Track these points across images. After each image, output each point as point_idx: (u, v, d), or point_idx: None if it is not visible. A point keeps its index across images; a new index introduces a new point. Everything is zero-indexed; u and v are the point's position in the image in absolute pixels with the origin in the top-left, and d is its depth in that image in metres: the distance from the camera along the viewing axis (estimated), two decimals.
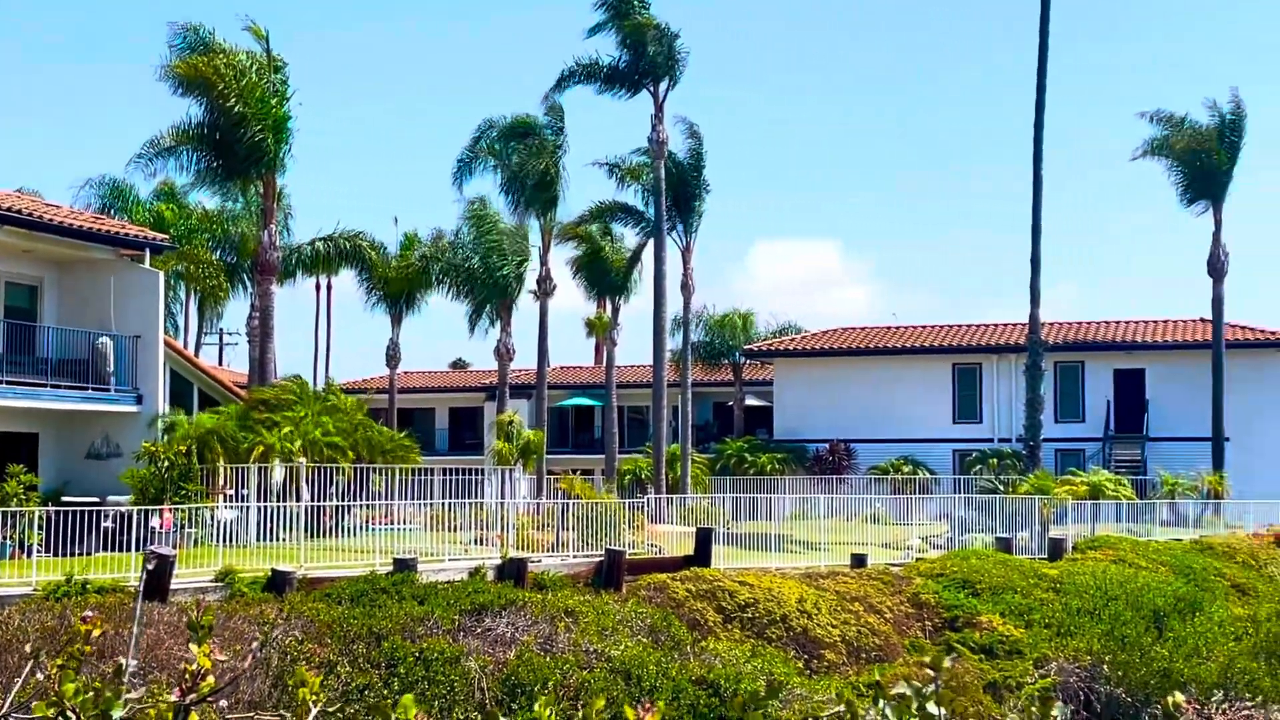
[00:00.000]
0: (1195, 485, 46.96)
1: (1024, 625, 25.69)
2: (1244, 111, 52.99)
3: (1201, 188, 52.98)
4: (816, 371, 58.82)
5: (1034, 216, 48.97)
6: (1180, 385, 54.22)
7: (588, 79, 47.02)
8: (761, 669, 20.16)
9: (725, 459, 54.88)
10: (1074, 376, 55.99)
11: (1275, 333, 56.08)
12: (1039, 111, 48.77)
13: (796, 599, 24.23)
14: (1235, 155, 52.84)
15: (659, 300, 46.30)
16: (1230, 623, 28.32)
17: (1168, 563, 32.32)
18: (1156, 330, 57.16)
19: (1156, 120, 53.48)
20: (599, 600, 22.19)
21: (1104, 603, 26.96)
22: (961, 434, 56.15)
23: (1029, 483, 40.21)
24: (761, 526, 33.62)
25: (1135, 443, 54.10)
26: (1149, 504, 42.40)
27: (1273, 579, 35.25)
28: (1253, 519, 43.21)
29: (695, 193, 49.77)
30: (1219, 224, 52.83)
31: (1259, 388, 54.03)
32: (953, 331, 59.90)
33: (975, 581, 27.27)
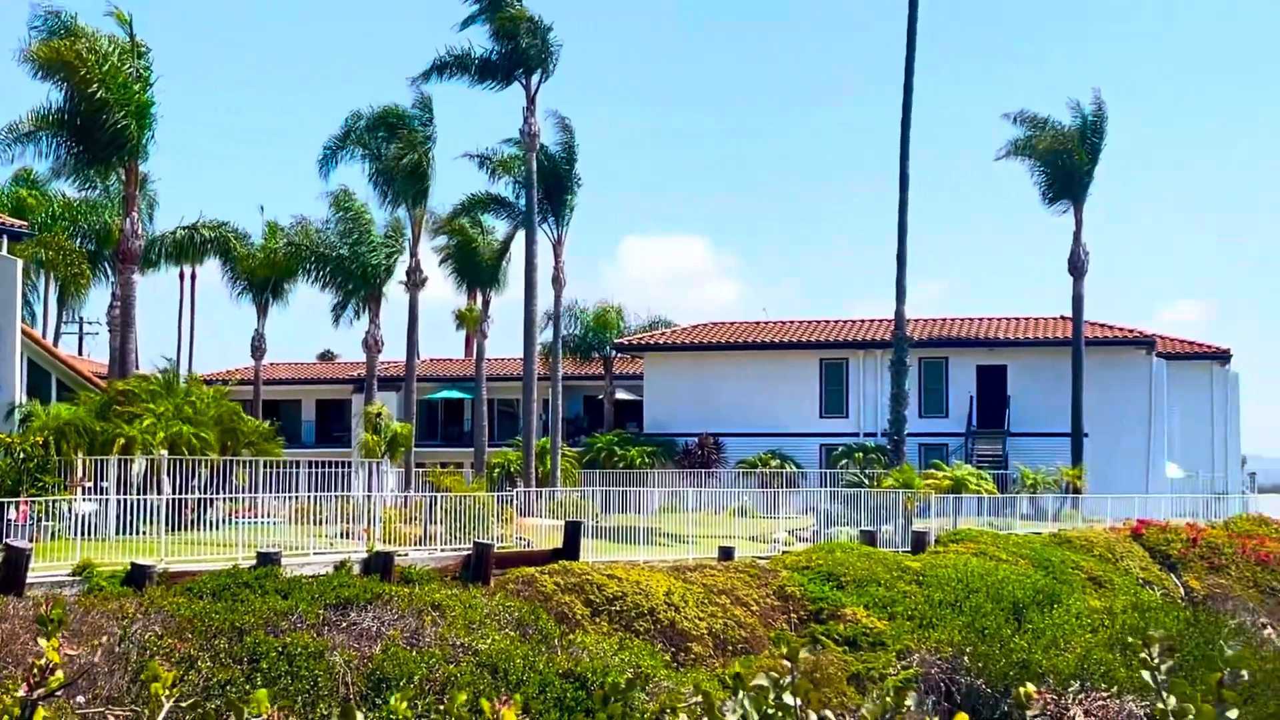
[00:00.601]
0: (1055, 480, 47.89)
1: (887, 617, 26.03)
2: (1105, 113, 54.13)
3: (1063, 188, 54.00)
4: (686, 366, 59.09)
5: (900, 214, 49.66)
6: (1041, 382, 55.30)
7: (460, 70, 46.68)
8: (629, 661, 20.20)
9: (595, 452, 54.91)
10: (938, 372, 56.87)
11: (1133, 331, 57.43)
12: (906, 111, 49.46)
13: (664, 592, 24.32)
14: (1096, 156, 53.93)
15: (530, 293, 46.18)
16: (1087, 615, 28.95)
17: (1027, 556, 32.93)
18: (1018, 327, 58.24)
19: (1020, 121, 54.40)
20: (466, 594, 22.09)
21: (965, 595, 27.40)
22: (828, 428, 56.74)
23: (893, 477, 40.75)
24: (631, 520, 33.69)
25: (997, 438, 55.07)
26: (1010, 498, 43.18)
27: (1128, 572, 36.06)
28: (1110, 513, 44.15)
29: (567, 186, 49.69)
30: (1080, 223, 53.90)
31: (1117, 385, 55.28)
32: (820, 327, 60.51)
33: (840, 574, 27.57)
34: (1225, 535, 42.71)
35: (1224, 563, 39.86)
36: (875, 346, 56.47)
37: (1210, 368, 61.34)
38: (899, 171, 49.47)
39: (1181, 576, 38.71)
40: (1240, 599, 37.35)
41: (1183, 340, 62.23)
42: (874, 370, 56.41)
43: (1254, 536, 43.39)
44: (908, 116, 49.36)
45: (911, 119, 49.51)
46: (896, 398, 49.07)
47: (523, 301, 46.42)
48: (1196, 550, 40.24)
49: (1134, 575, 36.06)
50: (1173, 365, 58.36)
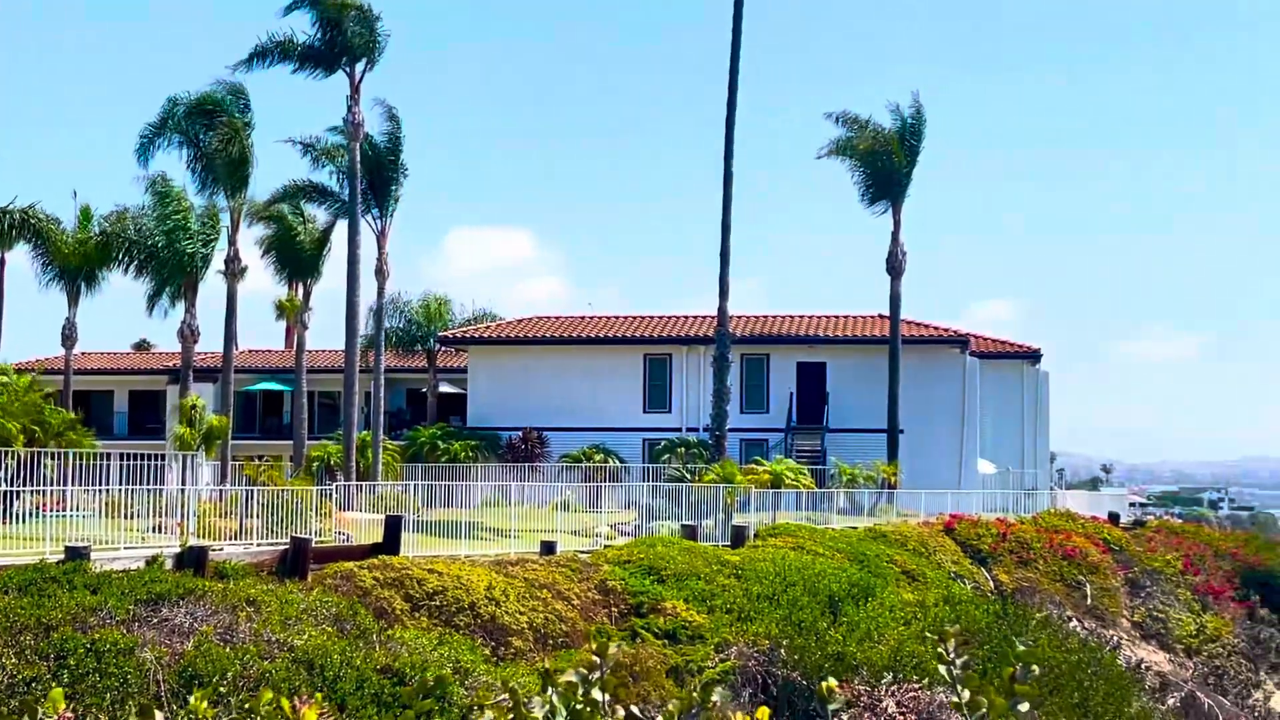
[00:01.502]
0: (871, 475, 48.82)
1: (707, 611, 26.25)
2: (924, 116, 55.30)
3: (882, 188, 55.04)
4: (510, 360, 58.98)
5: (724, 212, 50.13)
6: (859, 379, 56.33)
7: (283, 57, 45.85)
8: (448, 657, 20.07)
9: (418, 446, 54.49)
10: (759, 369, 57.60)
11: (948, 330, 58.83)
12: (730, 110, 49.93)
13: (485, 586, 24.21)
14: (914, 157, 55.06)
15: (352, 284, 45.62)
16: (900, 608, 29.53)
17: (844, 550, 33.48)
18: (837, 325, 59.24)
19: (842, 121, 55.30)
20: (283, 589, 21.72)
21: (783, 588, 27.76)
22: (652, 423, 57.11)
23: (715, 471, 41.14)
24: (453, 514, 33.49)
25: (816, 434, 55.96)
26: (827, 493, 43.90)
27: (941, 566, 36.90)
28: (924, 508, 45.16)
29: (392, 176, 49.13)
30: (898, 224, 54.99)
31: (932, 383, 56.56)
32: (644, 323, 60.85)
33: (661, 568, 27.73)
34: (1034, 530, 43.97)
35: (1032, 557, 41.02)
36: (698, 343, 56.97)
37: (1021, 367, 63.13)
38: (723, 170, 49.96)
39: (992, 570, 39.74)
40: (1047, 592, 38.48)
41: (995, 340, 63.93)
42: (697, 366, 56.91)
43: (1061, 531, 44.75)
44: (732, 115, 49.84)
45: (736, 118, 50.01)
46: (719, 394, 49.55)
47: (345, 292, 45.88)
48: (1006, 545, 41.35)
49: (946, 569, 36.91)
50: (985, 364, 59.91)
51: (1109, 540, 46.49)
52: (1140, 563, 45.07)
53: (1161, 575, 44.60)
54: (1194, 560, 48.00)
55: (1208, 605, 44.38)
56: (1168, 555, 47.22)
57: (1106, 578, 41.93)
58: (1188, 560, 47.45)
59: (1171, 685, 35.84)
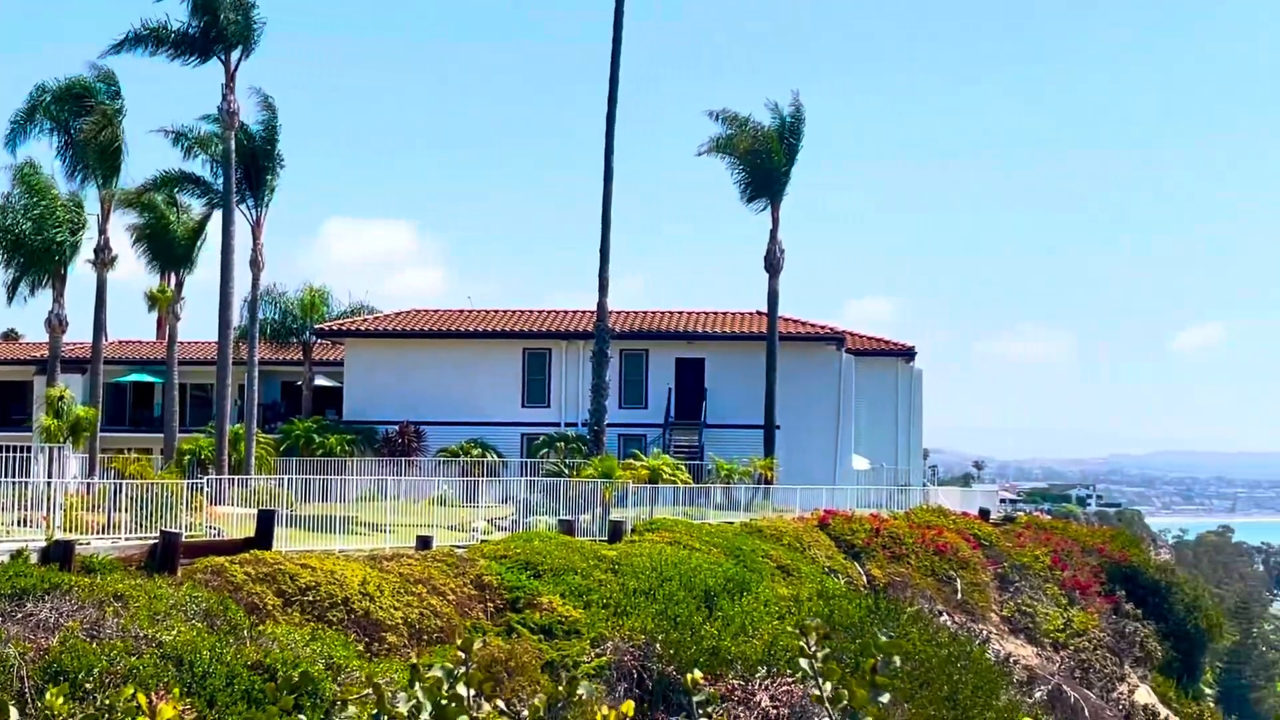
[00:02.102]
0: (748, 471, 49.15)
1: (583, 606, 26.25)
2: (803, 115, 55.77)
3: (761, 186, 55.40)
4: (388, 353, 58.51)
5: (604, 208, 50.16)
6: (737, 375, 56.67)
7: (156, 44, 45.01)
8: (320, 652, 19.87)
9: (293, 439, 53.83)
10: (638, 364, 57.72)
11: (825, 327, 59.41)
12: (611, 106, 49.96)
13: (359, 581, 23.99)
14: (793, 156, 55.51)
15: (226, 275, 44.94)
16: (775, 602, 29.76)
17: (720, 545, 33.65)
18: (716, 321, 59.56)
19: (722, 119, 55.55)
20: (152, 584, 21.35)
21: (659, 583, 27.85)
22: (530, 418, 56.98)
23: (593, 466, 41.18)
24: (328, 508, 33.17)
25: (694, 429, 56.23)
26: (705, 488, 44.14)
27: (815, 561, 37.25)
28: (799, 503, 45.54)
29: (268, 166, 48.48)
30: (776, 221, 55.38)
31: (809, 379, 57.06)
32: (524, 317, 60.70)
33: (538, 563, 27.68)
34: (907, 525, 44.58)
35: (905, 552, 41.58)
36: (578, 338, 56.95)
37: (896, 364, 63.95)
38: (603, 166, 49.97)
39: (865, 565, 40.21)
40: (919, 587, 39.04)
41: (871, 337, 64.69)
42: (576, 361, 56.88)
43: (933, 527, 45.42)
44: (613, 112, 49.87)
45: (617, 114, 50.05)
46: (597, 388, 49.58)
47: (219, 283, 45.17)
48: (879, 540, 41.86)
49: (820, 564, 37.26)
50: (861, 361, 60.58)
51: (979, 536, 47.28)
52: (1010, 558, 45.88)
53: (1030, 570, 45.44)
54: (1062, 556, 48.96)
55: (1075, 600, 45.31)
56: (1036, 551, 48.12)
57: (977, 573, 42.64)
58: (1056, 556, 48.38)
59: (1039, 679, 36.55)
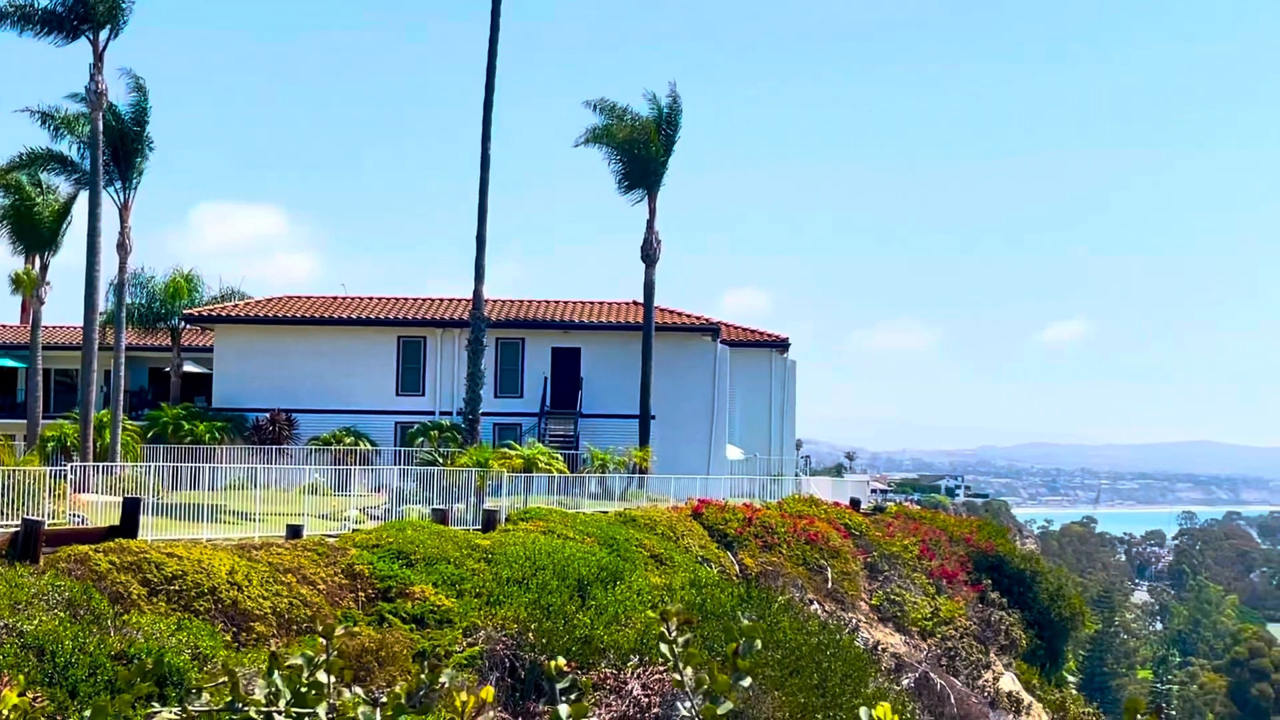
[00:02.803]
0: (623, 460, 49.27)
1: (456, 595, 26.13)
2: (680, 106, 55.94)
3: (639, 177, 55.51)
4: (259, 340, 57.72)
5: (481, 196, 49.92)
6: (613, 365, 56.77)
7: (21, 20, 43.93)
8: (186, 642, 19.57)
9: (161, 427, 52.93)
10: (514, 353, 57.56)
11: (700, 318, 59.68)
12: (489, 93, 49.74)
13: (228, 571, 23.67)
14: (671, 147, 55.68)
15: (92, 258, 44.03)
16: (648, 591, 29.85)
17: (594, 534, 33.68)
18: (593, 311, 59.58)
19: (600, 109, 55.55)
20: (12, 573, 20.87)
21: (532, 572, 27.81)
22: (405, 406, 56.59)
23: (467, 455, 41.02)
24: (196, 497, 32.68)
25: (569, 419, 56.21)
26: (580, 477, 44.14)
27: (688, 550, 37.41)
28: (673, 493, 45.75)
29: (137, 149, 47.53)
30: (653, 212, 55.54)
31: (684, 370, 57.34)
32: (399, 305, 60.23)
33: (410, 552, 27.50)
34: (779, 515, 44.95)
35: (777, 541, 41.93)
36: (453, 326, 56.65)
37: (770, 355, 64.50)
38: (480, 153, 49.72)
39: (737, 554, 40.48)
40: (790, 576, 39.38)
41: (746, 329, 65.16)
42: (452, 349, 56.58)
43: (805, 516, 45.85)
44: (490, 99, 49.64)
45: (494, 101, 49.83)
46: (473, 377, 49.37)
47: (85, 267, 44.24)
48: (752, 529, 42.16)
49: (694, 553, 37.44)
50: (736, 352, 61.00)
51: (850, 525, 47.82)
52: (879, 547, 46.48)
53: (899, 560, 46.08)
54: (930, 545, 49.71)
55: (942, 589, 46.04)
56: (905, 540, 48.81)
57: (847, 562, 43.13)
58: (924, 545, 49.12)
59: (906, 666, 37.07)
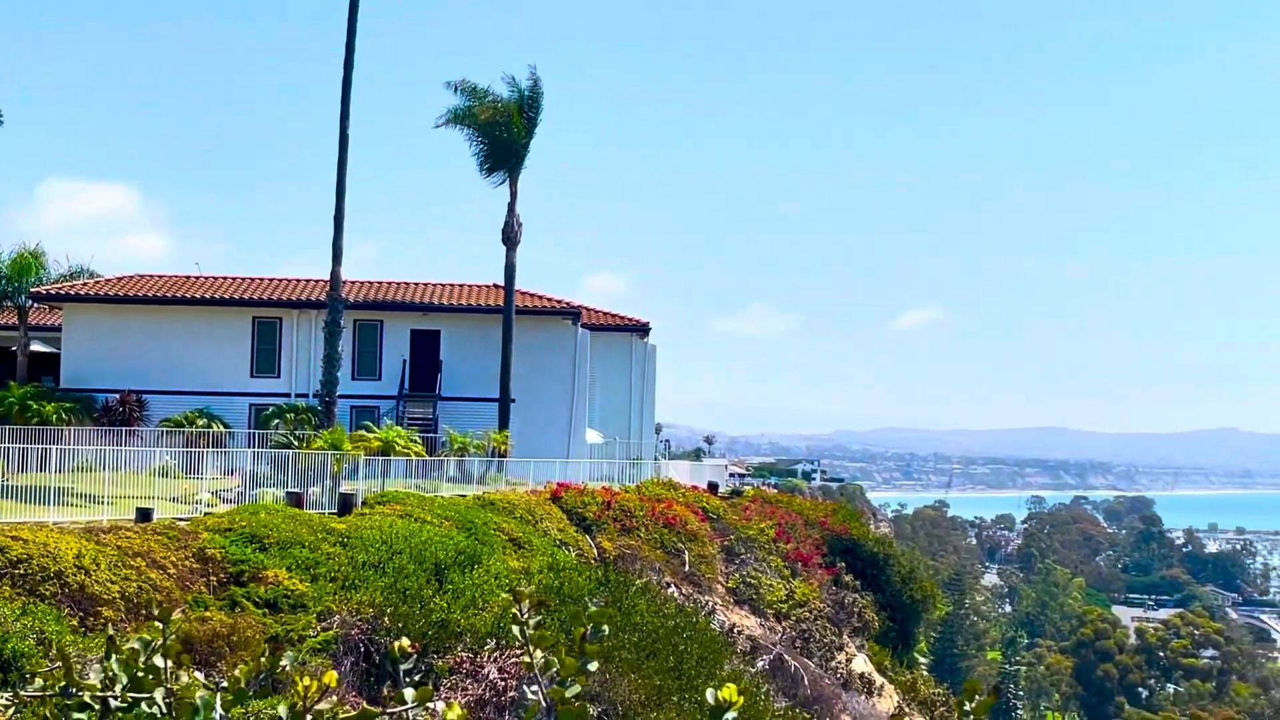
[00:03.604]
0: (482, 444, 49.07)
1: (310, 579, 25.86)
2: (541, 89, 55.73)
3: (500, 159, 55.22)
4: (109, 319, 56.50)
5: (339, 175, 49.30)
6: (473, 348, 56.52)
7: None
8: (31, 627, 19.14)
9: (7, 407, 51.54)
10: (372, 335, 57.03)
11: (561, 301, 59.63)
12: (347, 70, 49.08)
13: (74, 555, 23.16)
14: (532, 130, 55.45)
15: None
16: (506, 575, 29.81)
17: (452, 517, 33.53)
18: (453, 294, 59.23)
19: (461, 90, 55.14)
20: None
21: (389, 556, 27.61)
22: (260, 388, 55.81)
23: (324, 438, 40.55)
24: (44, 479, 31.88)
25: (428, 401, 55.86)
26: (438, 461, 43.89)
27: (547, 534, 37.41)
28: (533, 477, 45.69)
29: None
30: (514, 195, 55.30)
31: (544, 353, 57.27)
32: (254, 285, 59.33)
33: (264, 536, 27.14)
34: (638, 499, 45.13)
35: (635, 525, 42.09)
36: (310, 307, 55.95)
37: (630, 339, 64.66)
38: (339, 132, 49.09)
39: (596, 538, 40.56)
40: (648, 559, 39.57)
41: (606, 313, 65.23)
42: (308, 331, 55.89)
43: (663, 500, 46.10)
44: (349, 76, 48.99)
45: (353, 79, 49.18)
46: (329, 359, 48.78)
47: None
48: (611, 513, 42.28)
49: (552, 536, 37.45)
50: (596, 336, 61.05)
51: (708, 509, 48.18)
52: (736, 531, 46.90)
53: (756, 543, 46.53)
54: (786, 529, 50.27)
55: (797, 572, 46.58)
56: (762, 524, 49.31)
57: (704, 545, 43.44)
58: (780, 529, 49.65)
59: (761, 648, 37.47)
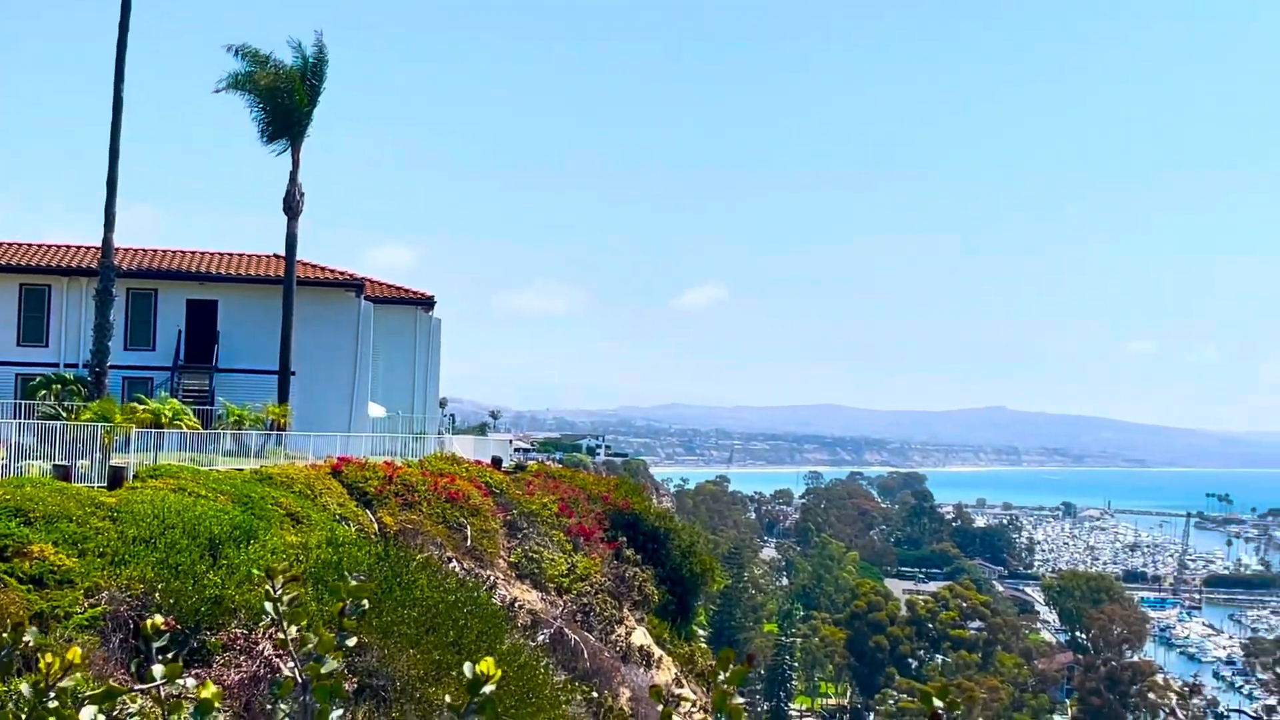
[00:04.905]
0: (261, 417, 48.16)
1: (78, 554, 25.08)
2: (326, 57, 54.70)
3: (282, 126, 54.04)
4: None
5: (113, 139, 47.74)
6: (253, 319, 55.41)
7: None
8: None
9: None
10: (147, 304, 55.50)
11: (344, 273, 58.82)
12: (122, 32, 47.53)
13: None
14: (315, 98, 54.39)
15: None
16: (283, 550, 29.31)
17: (228, 492, 32.85)
18: (232, 263, 57.95)
19: (242, 55, 53.76)
20: None
21: (161, 531, 26.92)
22: (26, 357, 53.91)
23: (93, 410, 39.36)
24: None
25: (205, 373, 54.61)
26: (215, 434, 42.93)
27: (326, 508, 36.91)
28: (313, 450, 45.02)
29: None
30: (296, 163, 54.18)
31: (326, 326, 56.43)
32: (21, 251, 57.20)
33: (29, 510, 26.23)
34: (420, 473, 44.80)
35: (417, 499, 41.78)
36: (81, 274, 54.21)
37: (415, 313, 64.09)
38: (113, 93, 47.53)
39: (377, 513, 40.16)
40: (429, 534, 39.35)
41: (390, 285, 64.53)
42: (79, 299, 54.17)
43: (446, 475, 45.85)
44: (124, 38, 47.44)
45: (128, 41, 47.66)
46: (100, 328, 47.30)
47: None
48: (392, 487, 41.90)
49: (332, 511, 36.96)
50: (380, 309, 60.36)
51: (491, 484, 48.09)
52: (519, 506, 46.89)
53: (538, 518, 46.60)
54: (569, 503, 50.44)
55: (579, 546, 46.80)
56: (545, 499, 49.38)
57: (487, 520, 43.36)
58: (563, 504, 49.80)
59: (542, 622, 37.60)
